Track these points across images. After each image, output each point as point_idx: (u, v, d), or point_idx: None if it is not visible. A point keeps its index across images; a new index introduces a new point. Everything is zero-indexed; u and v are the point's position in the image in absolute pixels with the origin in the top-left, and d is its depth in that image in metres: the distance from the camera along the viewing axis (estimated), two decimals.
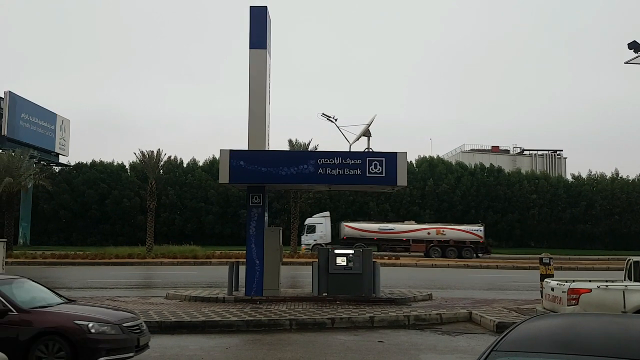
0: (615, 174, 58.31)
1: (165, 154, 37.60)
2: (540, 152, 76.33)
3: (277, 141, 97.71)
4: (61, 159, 55.85)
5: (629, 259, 12.27)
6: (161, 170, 39.56)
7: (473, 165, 58.19)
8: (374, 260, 16.03)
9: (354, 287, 15.38)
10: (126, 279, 22.11)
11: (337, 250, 15.94)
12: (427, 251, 38.59)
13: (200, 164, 56.31)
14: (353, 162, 15.02)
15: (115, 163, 55.83)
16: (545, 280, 12.44)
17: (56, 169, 55.46)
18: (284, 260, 19.26)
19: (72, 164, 56.10)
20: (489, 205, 54.24)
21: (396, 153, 15.15)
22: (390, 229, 40.32)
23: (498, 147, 75.84)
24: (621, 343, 3.57)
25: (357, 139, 16.68)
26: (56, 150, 54.13)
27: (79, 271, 25.76)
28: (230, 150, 15.16)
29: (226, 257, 31.17)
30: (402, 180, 15.13)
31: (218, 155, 15.64)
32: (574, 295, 10.52)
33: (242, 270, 15.97)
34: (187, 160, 56.54)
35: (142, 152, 36.36)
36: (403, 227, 40.71)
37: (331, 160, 15.03)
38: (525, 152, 77.11)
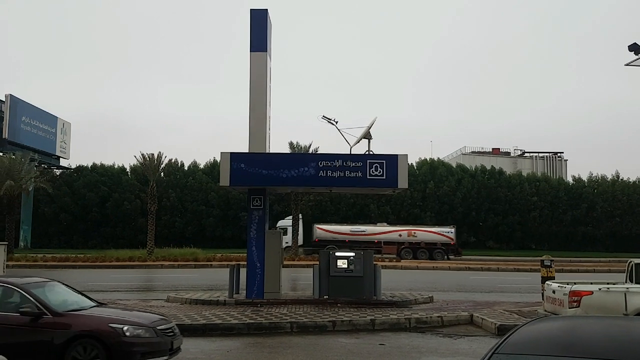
0: (616, 176, 58.30)
1: (165, 157, 37.70)
2: (541, 155, 76.36)
3: (278, 144, 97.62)
4: (62, 162, 55.86)
5: (630, 261, 12.25)
6: (162, 173, 39.61)
7: (474, 168, 58.18)
8: (374, 262, 16.03)
9: (355, 290, 15.36)
10: (127, 282, 22.10)
11: (338, 253, 15.92)
12: (399, 253, 38.73)
13: (201, 166, 56.35)
14: (354, 165, 15.01)
15: (116, 166, 55.88)
16: (547, 282, 12.42)
17: (57, 171, 55.51)
18: (285, 262, 19.28)
19: (73, 166, 56.17)
20: (490, 208, 54.21)
21: (397, 155, 15.14)
22: (362, 231, 40.49)
23: (499, 149, 75.85)
24: (623, 345, 3.56)
25: (358, 141, 16.71)
26: (57, 153, 54.17)
27: (80, 274, 25.73)
28: (231, 153, 15.17)
29: (227, 260, 31.17)
30: (403, 182, 15.12)
31: (219, 157, 15.64)
32: (576, 298, 10.50)
33: (243, 273, 15.96)
34: (188, 163, 56.65)
35: (143, 155, 36.41)
36: (375, 229, 40.96)
37: (332, 163, 15.02)
38: (526, 154, 77.14)
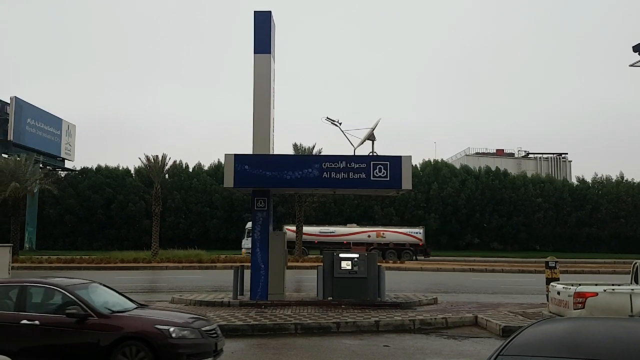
0: (620, 177, 58.14)
1: (170, 159, 37.82)
2: (545, 156, 76.16)
3: (282, 145, 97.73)
4: (67, 164, 56.09)
5: (635, 262, 12.21)
6: (166, 175, 39.64)
7: (478, 169, 58.08)
8: (378, 264, 16.02)
9: (359, 291, 15.35)
10: (131, 283, 22.12)
11: (342, 255, 15.91)
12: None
13: (206, 168, 56.48)
14: (357, 166, 15.00)
15: (121, 168, 56.07)
16: (551, 284, 12.39)
17: (62, 173, 55.70)
18: (289, 264, 19.26)
19: (78, 168, 56.37)
20: (494, 209, 54.11)
21: (401, 157, 15.12)
22: (331, 232, 40.66)
23: (503, 151, 75.68)
24: (629, 347, 3.56)
25: (362, 142, 16.68)
26: (62, 155, 54.39)
27: (85, 276, 25.66)
28: (235, 155, 15.19)
29: (231, 262, 31.18)
30: (407, 183, 15.09)
31: (222, 159, 15.66)
32: (580, 299, 10.47)
33: (247, 274, 15.97)
34: (193, 165, 56.82)
35: (147, 157, 36.49)
36: (344, 230, 41.19)
37: (336, 164, 15.02)
38: (530, 156, 76.93)
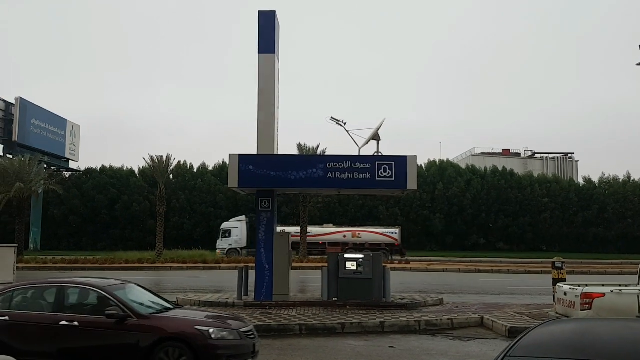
0: (627, 177, 57.79)
1: (174, 159, 37.83)
2: (551, 155, 75.85)
3: (286, 145, 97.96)
4: (71, 164, 56.25)
5: None
6: (171, 175, 39.68)
7: (484, 169, 57.89)
8: (384, 264, 15.96)
9: (364, 292, 15.29)
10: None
11: (347, 255, 15.89)
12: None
13: (210, 168, 56.52)
14: (362, 166, 14.94)
15: (125, 168, 56.16)
16: (558, 284, 12.29)
17: (66, 174, 55.86)
18: (293, 264, 19.24)
19: (82, 169, 56.51)
20: (500, 209, 53.91)
21: (406, 157, 15.04)
22: (307, 232, 40.38)
23: (509, 150, 75.44)
24: (636, 348, 3.50)
25: (367, 142, 16.62)
26: (66, 155, 54.55)
27: (90, 276, 25.83)
28: (240, 155, 15.16)
29: (235, 262, 31.24)
30: (412, 184, 15.02)
31: (227, 159, 15.64)
32: (587, 300, 10.37)
33: (252, 274, 15.94)
34: (197, 165, 56.83)
35: (152, 157, 36.57)
36: (320, 231, 41.12)
37: (340, 164, 14.97)
38: (536, 155, 76.64)
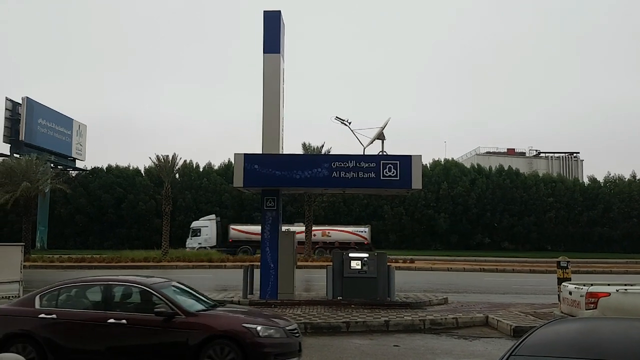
0: (633, 176, 57.52)
1: (180, 158, 37.89)
2: (556, 155, 75.59)
3: (291, 145, 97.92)
4: (78, 164, 56.46)
5: None
6: (176, 175, 39.70)
7: (488, 168, 57.77)
8: (388, 263, 15.97)
9: (369, 291, 15.32)
10: None
11: (352, 254, 15.90)
12: (313, 253, 38.67)
13: (216, 167, 56.62)
14: (367, 166, 14.96)
15: (131, 167, 56.33)
16: (563, 284, 12.29)
17: (73, 173, 56.08)
18: (298, 263, 19.28)
19: (88, 168, 56.72)
20: (505, 209, 53.79)
21: (411, 156, 15.05)
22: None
23: (514, 150, 75.27)
24: None
25: (371, 142, 16.63)
26: (73, 154, 54.76)
27: (96, 275, 25.95)
28: (245, 154, 15.20)
29: (240, 261, 31.28)
30: (417, 183, 15.03)
31: (230, 159, 15.68)
32: (593, 299, 10.37)
33: (257, 273, 15.99)
34: (203, 164, 56.99)
35: (158, 157, 36.63)
36: (290, 229, 40.78)
37: (345, 164, 14.99)
38: (541, 155, 76.42)
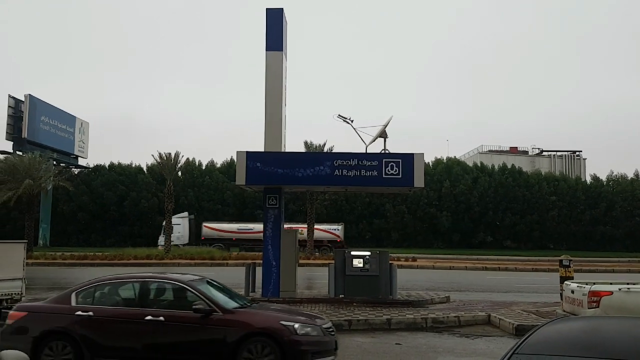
0: (636, 174, 57.40)
1: (183, 156, 37.88)
2: (559, 153, 75.40)
3: (293, 143, 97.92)
4: (80, 161, 56.54)
5: None
6: (179, 172, 39.65)
7: (491, 166, 57.69)
8: (390, 262, 15.97)
9: (371, 289, 15.33)
10: None
11: (354, 252, 15.90)
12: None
13: (218, 165, 56.62)
14: (369, 164, 14.96)
15: (133, 165, 56.38)
16: (565, 282, 12.28)
17: (75, 170, 56.16)
18: (300, 261, 19.29)
19: (91, 166, 56.78)
20: (507, 207, 53.72)
21: (413, 154, 15.05)
22: (249, 229, 40.23)
23: (516, 148, 75.05)
24: None
25: (374, 140, 16.62)
26: (75, 152, 54.83)
27: (98, 272, 25.87)
28: (247, 152, 15.21)
29: (242, 259, 31.31)
30: (419, 181, 15.03)
31: (232, 157, 15.69)
32: (595, 298, 10.35)
33: (259, 271, 16.01)
34: (206, 162, 56.98)
35: (160, 154, 36.64)
36: (261, 227, 40.51)
37: (347, 162, 14.99)
38: (544, 153, 76.24)
